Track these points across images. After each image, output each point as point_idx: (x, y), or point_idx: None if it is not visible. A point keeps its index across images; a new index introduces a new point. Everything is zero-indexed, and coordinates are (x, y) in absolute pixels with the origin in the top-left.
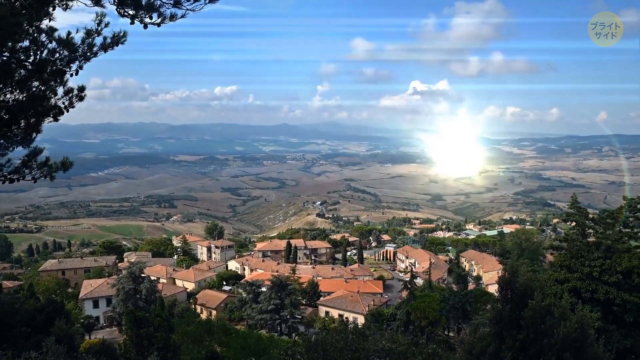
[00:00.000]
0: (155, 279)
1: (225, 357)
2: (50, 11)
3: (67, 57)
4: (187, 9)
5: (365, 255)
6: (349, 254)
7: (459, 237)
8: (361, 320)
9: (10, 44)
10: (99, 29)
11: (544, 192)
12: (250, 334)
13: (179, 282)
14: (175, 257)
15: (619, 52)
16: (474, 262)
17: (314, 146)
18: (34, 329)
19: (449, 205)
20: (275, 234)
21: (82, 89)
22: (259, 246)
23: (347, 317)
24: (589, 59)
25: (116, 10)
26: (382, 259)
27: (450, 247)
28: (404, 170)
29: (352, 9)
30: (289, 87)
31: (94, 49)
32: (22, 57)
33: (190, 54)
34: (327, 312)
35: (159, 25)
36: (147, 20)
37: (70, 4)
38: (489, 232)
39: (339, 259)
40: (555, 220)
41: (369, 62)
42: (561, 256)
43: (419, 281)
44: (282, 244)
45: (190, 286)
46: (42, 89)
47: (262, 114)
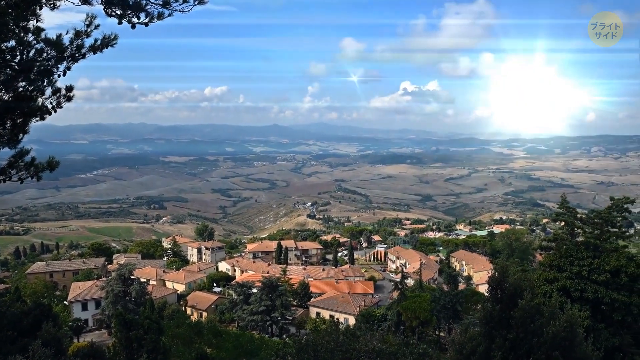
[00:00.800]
0: (145, 281)
1: (215, 358)
2: (37, 11)
3: (54, 58)
4: (176, 10)
5: (356, 255)
6: (339, 254)
7: (450, 237)
8: (352, 321)
9: None
10: (89, 30)
11: (533, 192)
12: (242, 334)
13: (169, 284)
14: (165, 258)
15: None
16: (464, 262)
17: (305, 147)
18: (20, 333)
19: (440, 205)
20: (265, 235)
21: (70, 89)
22: (250, 247)
23: (338, 318)
24: (578, 58)
25: (104, 9)
26: (373, 259)
27: (440, 248)
28: (394, 170)
29: (342, 8)
30: (279, 87)
31: (83, 51)
32: (8, 57)
33: (179, 54)
34: (318, 313)
35: (146, 24)
36: (135, 20)
37: (58, 3)
38: (479, 232)
39: (330, 260)
40: (545, 220)
41: (359, 62)
42: (550, 256)
43: (410, 281)
44: (273, 245)
45: (180, 288)
46: (29, 89)
47: (252, 115)
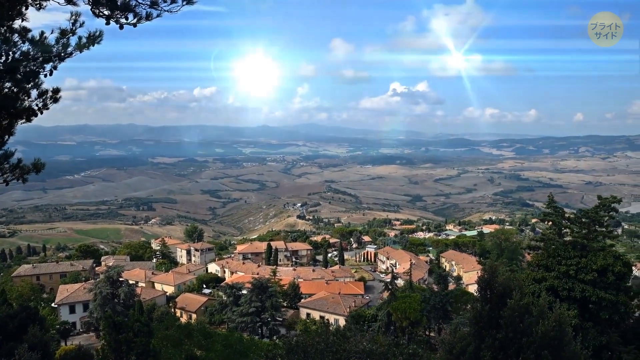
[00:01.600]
0: (133, 283)
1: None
2: (23, 11)
3: (40, 58)
4: (164, 10)
5: (346, 256)
6: (329, 255)
7: (439, 237)
8: (342, 321)
9: None
10: (74, 28)
11: (522, 193)
12: (232, 335)
13: (158, 286)
14: (154, 260)
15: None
16: (454, 263)
17: (294, 148)
18: (6, 337)
19: (429, 206)
20: (255, 236)
21: (56, 91)
22: (239, 248)
23: (329, 319)
24: (566, 59)
25: (91, 10)
26: (363, 260)
27: (430, 248)
28: (384, 171)
29: (331, 10)
30: (268, 88)
31: (69, 49)
32: None
33: (168, 55)
34: (308, 314)
35: (135, 25)
36: (123, 20)
37: (44, 3)
38: (468, 233)
39: (320, 261)
40: (533, 220)
41: (348, 63)
42: (538, 256)
43: (400, 282)
44: (263, 246)
45: (169, 290)
46: (15, 90)
47: (241, 116)
